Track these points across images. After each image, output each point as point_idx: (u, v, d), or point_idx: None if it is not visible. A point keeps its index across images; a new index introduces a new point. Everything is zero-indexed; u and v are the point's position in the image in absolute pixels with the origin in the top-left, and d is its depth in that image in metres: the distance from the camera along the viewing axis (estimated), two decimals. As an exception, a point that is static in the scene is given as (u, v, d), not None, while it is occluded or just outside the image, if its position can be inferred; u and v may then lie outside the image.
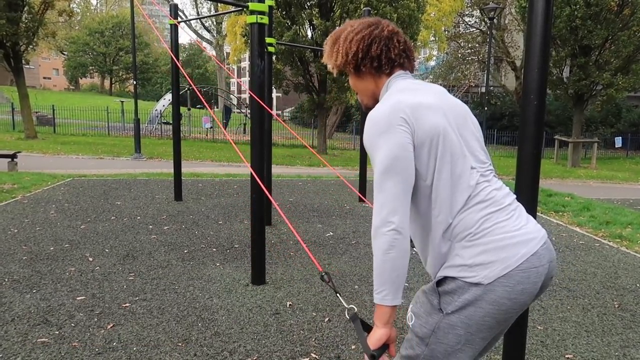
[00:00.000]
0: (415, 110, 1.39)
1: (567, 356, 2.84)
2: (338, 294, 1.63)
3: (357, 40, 1.54)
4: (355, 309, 1.48)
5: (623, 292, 3.96)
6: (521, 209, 1.49)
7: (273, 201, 4.01)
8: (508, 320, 1.40)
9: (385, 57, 1.54)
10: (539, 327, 3.22)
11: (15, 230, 5.18)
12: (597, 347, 2.98)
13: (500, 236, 1.36)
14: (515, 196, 1.51)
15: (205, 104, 5.03)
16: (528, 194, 2.48)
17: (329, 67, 1.65)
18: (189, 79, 5.94)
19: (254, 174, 3.72)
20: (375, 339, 1.36)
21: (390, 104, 1.41)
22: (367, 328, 1.42)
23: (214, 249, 4.76)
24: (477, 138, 1.51)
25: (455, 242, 1.39)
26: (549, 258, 1.40)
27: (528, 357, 2.78)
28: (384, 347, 1.36)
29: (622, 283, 4.17)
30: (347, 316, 1.48)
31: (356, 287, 3.86)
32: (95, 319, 3.13)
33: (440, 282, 1.41)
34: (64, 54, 57.02)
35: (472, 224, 1.38)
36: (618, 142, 21.56)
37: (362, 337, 1.38)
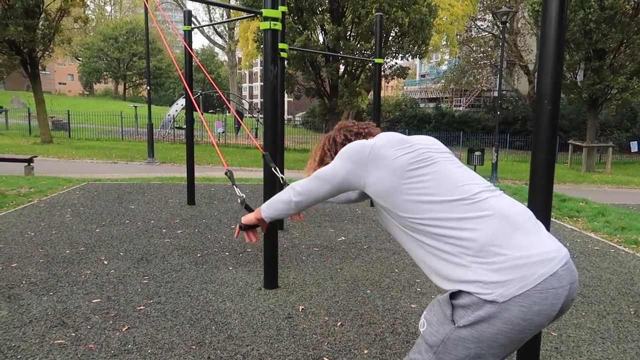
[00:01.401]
0: (381, 160, 1.53)
1: (582, 363, 2.82)
2: (235, 186, 2.25)
3: (320, 147, 1.88)
4: (244, 196, 2.18)
5: (639, 298, 3.91)
6: (540, 226, 1.45)
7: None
8: (522, 340, 1.37)
9: (350, 135, 1.78)
10: (553, 334, 3.20)
11: (32, 234, 5.26)
12: (612, 354, 2.95)
13: (517, 254, 1.33)
14: (532, 213, 1.49)
15: (199, 109, 5.01)
16: (542, 199, 2.48)
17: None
18: (187, 88, 6.00)
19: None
20: (246, 218, 1.88)
21: (365, 143, 1.59)
22: (250, 211, 1.94)
23: (227, 253, 4.79)
24: (472, 172, 1.60)
25: (471, 258, 1.37)
26: (569, 279, 1.36)
27: (542, 363, 2.76)
28: (251, 227, 1.90)
29: (638, 289, 4.12)
30: (238, 202, 2.16)
31: (368, 291, 3.86)
32: (111, 322, 3.17)
33: (454, 294, 1.39)
34: (78, 60, 57.80)
35: (487, 241, 1.36)
36: (633, 146, 21.28)
37: (243, 215, 1.93)
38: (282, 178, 2.40)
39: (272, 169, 2.46)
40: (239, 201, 2.15)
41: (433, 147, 1.59)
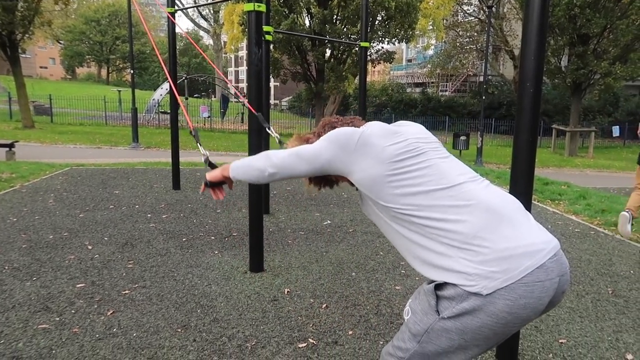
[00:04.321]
0: (369, 148, 1.48)
1: (560, 341, 2.89)
2: (199, 144, 2.32)
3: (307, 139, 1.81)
4: (208, 154, 2.26)
5: (617, 278, 4.01)
6: (529, 217, 1.42)
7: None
8: (507, 333, 1.35)
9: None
10: (534, 313, 3.26)
11: (15, 219, 5.20)
12: (590, 332, 3.03)
13: (502, 246, 1.30)
14: (520, 204, 1.45)
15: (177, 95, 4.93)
16: (523, 181, 2.51)
17: None
18: (168, 74, 5.93)
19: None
20: (211, 175, 1.81)
21: (354, 130, 1.55)
22: (214, 167, 1.91)
23: (213, 237, 4.79)
24: (459, 162, 1.57)
25: (455, 250, 1.34)
26: (559, 272, 1.31)
27: (522, 342, 2.82)
28: (217, 184, 1.85)
29: (616, 270, 4.22)
30: (202, 160, 2.18)
31: (353, 274, 3.90)
32: (95, 306, 3.16)
33: (439, 285, 1.38)
34: (60, 43, 56.68)
35: (472, 233, 1.33)
36: (615, 131, 21.60)
37: (207, 172, 1.87)
38: (277, 138, 2.42)
39: (267, 129, 2.45)
40: (203, 159, 2.23)
41: (421, 137, 1.54)
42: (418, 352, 1.42)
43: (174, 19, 6.59)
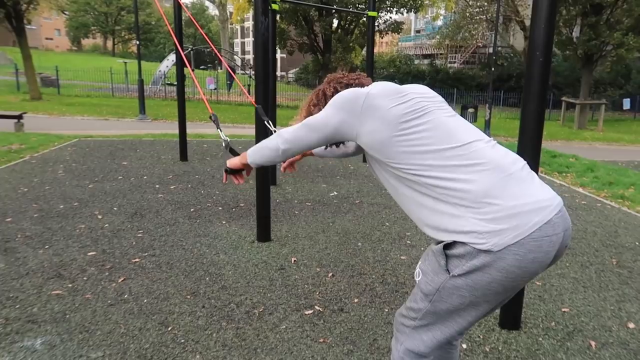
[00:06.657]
0: (375, 110, 1.47)
1: (563, 310, 2.93)
2: (219, 130, 2.30)
3: (308, 102, 1.81)
4: (229, 139, 2.21)
5: (622, 250, 4.03)
6: (533, 175, 1.44)
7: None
8: (516, 287, 1.39)
9: (340, 87, 1.71)
10: (538, 283, 3.30)
11: (25, 189, 5.27)
12: (593, 301, 3.07)
13: (512, 203, 1.32)
14: (525, 162, 1.48)
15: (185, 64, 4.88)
16: (530, 151, 2.51)
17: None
18: (177, 43, 5.87)
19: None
20: (231, 162, 1.87)
21: (359, 92, 1.53)
22: (235, 154, 1.94)
23: (220, 208, 4.84)
24: (465, 121, 1.56)
25: (465, 209, 1.36)
26: (563, 227, 1.36)
27: (525, 311, 2.86)
28: (236, 171, 1.91)
29: (622, 241, 4.24)
30: (222, 145, 2.15)
31: (359, 244, 3.94)
32: (107, 273, 3.23)
33: (448, 245, 1.39)
34: (65, 14, 56.17)
35: (481, 192, 1.35)
36: (626, 104, 21.30)
37: (227, 159, 1.92)
38: (274, 131, 2.31)
39: (265, 122, 2.37)
40: (223, 145, 2.16)
41: (427, 96, 1.55)
42: (430, 310, 1.46)
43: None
